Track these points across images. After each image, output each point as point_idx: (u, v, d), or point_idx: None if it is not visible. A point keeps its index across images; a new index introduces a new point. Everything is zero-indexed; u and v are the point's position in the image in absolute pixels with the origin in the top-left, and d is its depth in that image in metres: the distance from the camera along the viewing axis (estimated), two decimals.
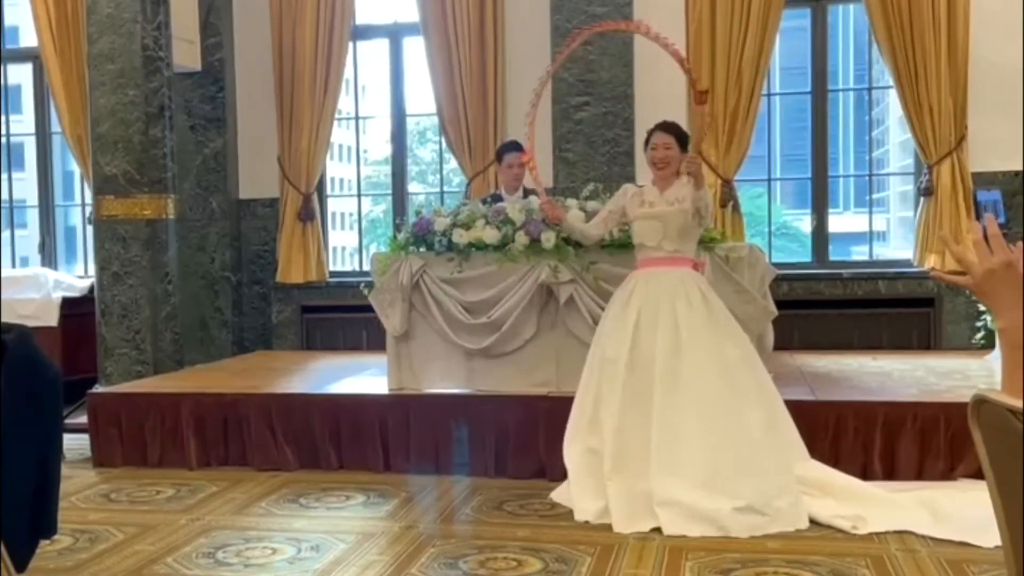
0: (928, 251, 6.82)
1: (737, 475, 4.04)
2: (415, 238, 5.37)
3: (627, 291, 4.46)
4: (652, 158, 4.51)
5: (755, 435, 4.16)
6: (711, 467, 4.06)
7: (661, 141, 4.49)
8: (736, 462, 4.07)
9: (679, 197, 4.43)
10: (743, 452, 4.09)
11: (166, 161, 6.54)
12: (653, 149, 4.49)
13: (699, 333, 4.26)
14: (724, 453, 4.09)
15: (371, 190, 9.59)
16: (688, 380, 4.18)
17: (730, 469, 4.06)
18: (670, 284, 4.36)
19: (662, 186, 4.52)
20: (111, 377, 6.41)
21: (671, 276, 4.38)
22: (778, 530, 3.97)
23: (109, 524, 4.35)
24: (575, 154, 7.10)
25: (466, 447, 5.10)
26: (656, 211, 4.44)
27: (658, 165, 4.50)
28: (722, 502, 3.98)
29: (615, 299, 4.53)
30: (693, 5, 6.95)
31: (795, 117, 9.63)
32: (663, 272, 4.39)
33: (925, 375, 5.65)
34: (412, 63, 7.91)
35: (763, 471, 4.08)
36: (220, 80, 7.76)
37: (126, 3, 6.42)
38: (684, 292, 4.35)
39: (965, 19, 6.66)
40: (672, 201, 4.43)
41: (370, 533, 4.15)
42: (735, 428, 4.14)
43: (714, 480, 4.04)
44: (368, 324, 6.57)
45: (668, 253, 4.40)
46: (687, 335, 4.25)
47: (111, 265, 6.50)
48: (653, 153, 4.50)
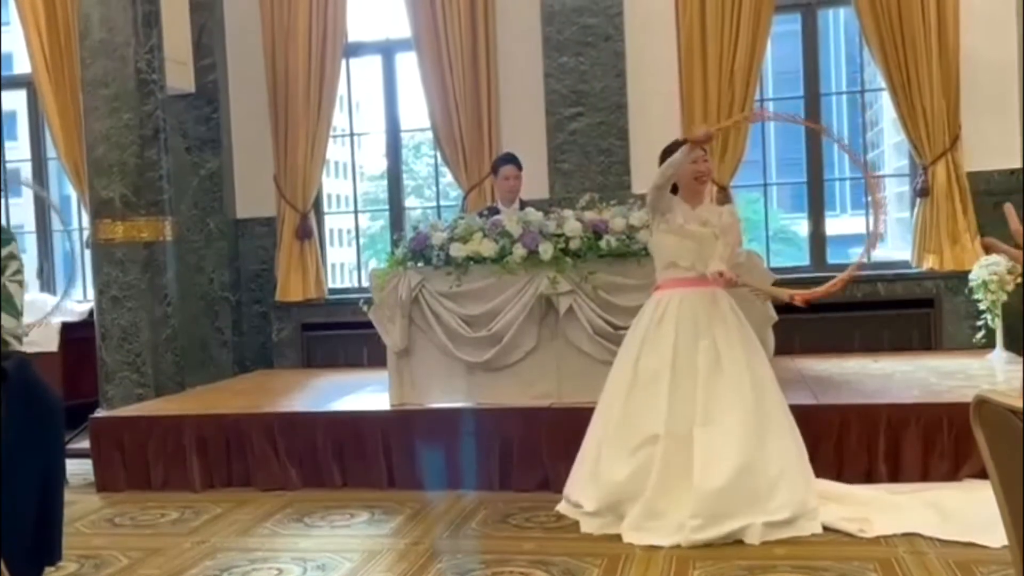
0: (926, 251, 6.82)
1: (771, 491, 4.03)
2: (413, 253, 5.37)
3: (659, 311, 4.34)
4: (693, 171, 4.33)
5: (788, 453, 4.15)
6: (748, 484, 4.03)
7: (699, 154, 4.35)
8: (770, 479, 4.05)
9: (710, 219, 4.36)
10: (776, 469, 4.07)
11: (162, 183, 6.54)
12: (693, 162, 4.31)
13: (736, 351, 4.24)
14: (760, 470, 4.06)
15: (368, 206, 9.60)
16: (730, 399, 4.16)
17: (765, 486, 4.03)
18: (705, 304, 4.29)
19: (694, 203, 4.41)
20: (112, 401, 6.40)
21: (704, 296, 4.31)
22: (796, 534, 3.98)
23: (114, 549, 4.34)
24: (570, 165, 7.12)
25: (469, 461, 5.09)
26: (694, 231, 4.33)
27: (700, 179, 4.39)
28: (752, 517, 3.97)
29: (644, 318, 4.40)
30: (684, 13, 6.97)
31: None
32: (696, 292, 4.31)
33: (927, 376, 5.64)
34: (405, 79, 7.94)
35: (791, 489, 4.06)
36: (214, 101, 7.78)
37: (118, 27, 6.44)
38: (719, 312, 4.31)
39: (955, 20, 6.67)
40: (704, 223, 4.35)
41: (376, 551, 4.14)
42: (770, 446, 4.12)
43: (747, 497, 4.01)
44: (368, 340, 6.56)
45: (699, 274, 4.32)
46: (726, 354, 4.22)
47: (110, 289, 6.49)
48: (693, 166, 4.32)
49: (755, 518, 3.96)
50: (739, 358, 4.24)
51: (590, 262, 5.06)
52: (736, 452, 4.06)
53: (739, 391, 4.17)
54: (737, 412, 4.13)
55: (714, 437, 4.10)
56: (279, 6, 7.65)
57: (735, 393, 4.17)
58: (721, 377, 4.20)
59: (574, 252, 5.09)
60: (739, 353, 4.25)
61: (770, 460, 4.09)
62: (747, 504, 4.00)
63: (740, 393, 4.17)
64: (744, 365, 4.23)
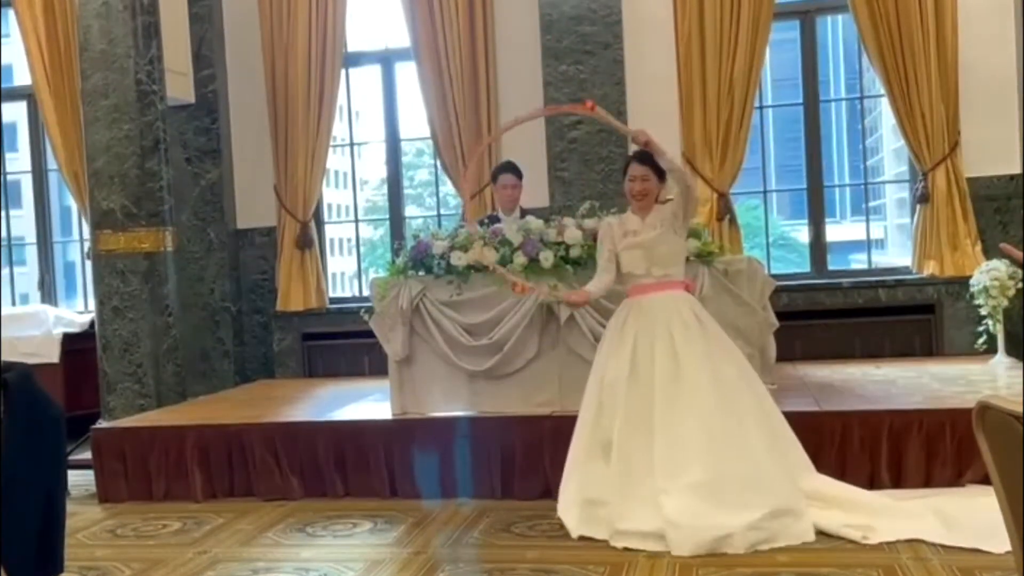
0: (926, 257, 6.82)
1: (743, 492, 4.02)
2: (414, 262, 5.37)
3: (621, 319, 4.44)
4: (630, 190, 4.48)
5: (758, 452, 4.15)
6: (716, 486, 4.03)
7: (639, 173, 4.45)
8: (741, 479, 4.05)
9: (661, 220, 4.42)
10: (747, 469, 4.07)
11: (163, 194, 6.55)
12: (631, 181, 4.46)
13: (696, 355, 4.26)
14: (728, 471, 4.06)
15: (368, 215, 9.60)
16: (688, 402, 4.17)
17: (735, 487, 4.03)
18: (664, 308, 4.35)
19: (642, 214, 4.49)
20: (114, 412, 6.39)
21: (664, 300, 4.36)
22: (785, 543, 3.95)
23: (116, 560, 4.33)
24: (570, 173, 7.12)
25: (471, 470, 5.09)
26: (640, 239, 4.42)
27: (636, 197, 4.48)
28: (728, 519, 3.96)
29: (610, 328, 4.51)
30: (683, 20, 6.98)
31: (788, 128, 9.66)
32: (655, 297, 4.37)
33: (929, 382, 5.64)
34: (405, 88, 7.95)
35: (767, 487, 4.06)
36: (214, 111, 7.79)
37: (118, 39, 6.45)
38: (679, 315, 4.34)
39: (953, 26, 6.68)
40: (655, 225, 4.42)
41: (378, 560, 4.13)
42: (737, 446, 4.12)
43: (720, 499, 4.01)
44: (369, 349, 6.56)
45: (657, 278, 4.39)
46: (685, 358, 4.24)
47: (111, 299, 6.49)
48: (631, 185, 4.47)
49: (729, 521, 3.95)
50: (698, 359, 4.24)
51: (591, 270, 5.04)
52: (696, 455, 4.07)
53: (697, 393, 4.18)
54: (696, 415, 4.14)
55: (674, 441, 4.12)
56: (278, 16, 7.67)
57: (693, 396, 4.18)
58: (679, 380, 4.21)
59: (575, 260, 5.09)
60: (698, 354, 4.26)
61: (739, 458, 4.08)
62: (713, 505, 3.99)
63: (699, 395, 4.18)
64: (704, 366, 4.23)
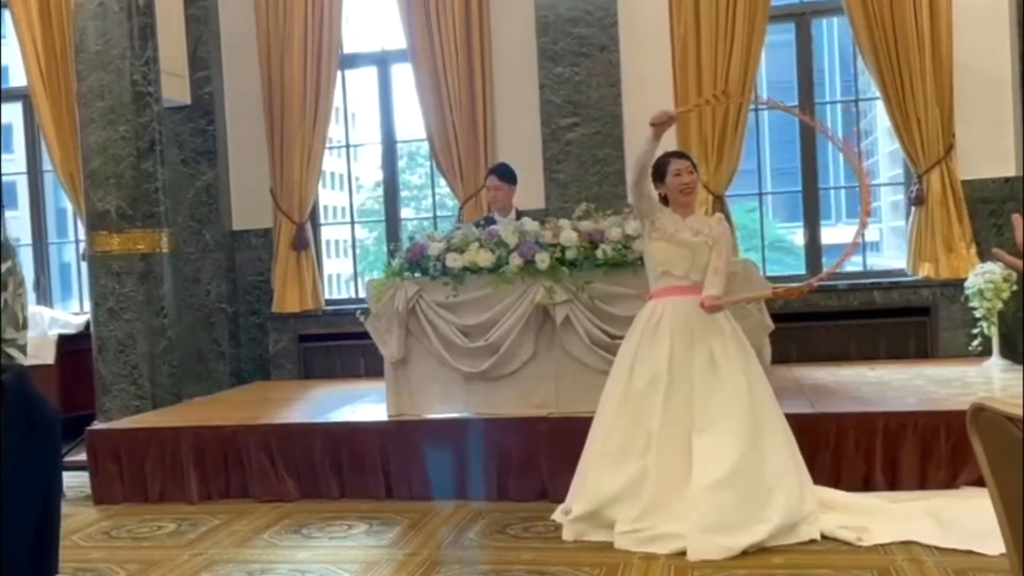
0: (921, 260, 6.83)
1: (770, 496, 4.04)
2: (410, 263, 5.37)
3: (654, 319, 4.36)
4: (678, 185, 4.38)
5: (785, 454, 4.17)
6: (749, 491, 4.03)
7: (683, 166, 4.40)
8: (769, 485, 4.06)
9: (701, 229, 4.39)
10: (775, 473, 4.09)
11: (158, 195, 6.54)
12: (677, 175, 4.38)
13: (733, 359, 4.27)
14: (760, 476, 4.07)
15: (364, 217, 9.59)
16: (726, 404, 4.18)
17: (764, 492, 4.05)
18: (700, 312, 4.30)
19: (684, 213, 4.44)
20: (109, 413, 6.39)
21: (698, 306, 4.33)
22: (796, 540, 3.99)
23: (111, 562, 4.33)
24: (566, 175, 7.12)
25: (467, 471, 5.09)
26: (687, 240, 4.36)
27: (685, 191, 4.40)
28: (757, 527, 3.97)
29: (638, 326, 4.41)
30: (678, 23, 6.99)
31: (784, 131, 9.67)
32: (692, 300, 4.33)
33: (924, 384, 5.65)
34: (401, 90, 7.95)
35: (791, 490, 4.08)
36: (210, 113, 7.79)
37: (114, 40, 6.45)
38: (715, 320, 4.32)
39: (948, 29, 6.70)
40: (696, 232, 4.38)
41: (374, 562, 4.13)
42: (767, 453, 4.13)
43: (750, 503, 4.02)
44: (365, 351, 6.56)
45: (693, 282, 4.36)
46: (723, 362, 4.24)
47: (106, 301, 6.48)
48: (678, 179, 4.38)
49: (755, 532, 3.95)
50: (736, 366, 4.26)
51: (586, 272, 5.06)
52: (733, 457, 4.07)
53: (736, 398, 4.19)
54: (734, 418, 4.15)
55: (711, 442, 4.12)
56: (275, 18, 7.67)
57: (732, 400, 4.18)
58: (718, 384, 4.22)
59: (570, 262, 5.10)
60: (735, 361, 4.27)
61: (766, 466, 4.11)
62: (745, 509, 4.00)
63: (737, 400, 4.18)
64: (740, 373, 4.25)
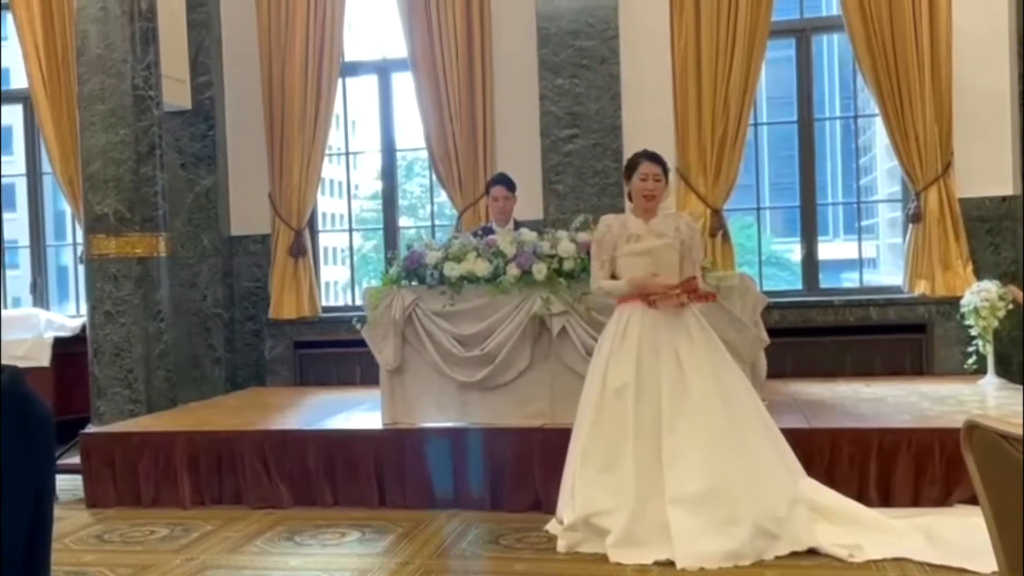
0: (918, 277, 6.84)
1: (749, 498, 4.03)
2: (407, 272, 5.38)
3: (622, 324, 4.39)
4: (642, 189, 4.45)
5: (763, 456, 4.17)
6: (724, 493, 4.04)
7: (651, 171, 4.44)
8: (747, 485, 4.06)
9: (665, 230, 4.43)
10: (753, 475, 4.09)
11: (157, 199, 6.55)
12: (643, 179, 4.43)
13: (701, 362, 4.27)
14: (735, 478, 4.07)
15: (362, 225, 9.60)
16: (695, 408, 4.18)
17: (742, 493, 4.04)
18: (667, 315, 4.33)
19: (647, 217, 4.48)
20: (104, 416, 6.38)
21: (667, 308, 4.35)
22: (788, 549, 3.97)
23: (103, 565, 4.32)
24: (565, 186, 7.14)
25: (461, 481, 5.08)
26: (645, 246, 4.40)
27: (648, 197, 4.45)
28: (737, 528, 3.97)
29: (608, 334, 4.45)
30: (679, 36, 7.01)
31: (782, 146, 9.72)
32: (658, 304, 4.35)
33: (919, 401, 5.65)
34: (401, 98, 7.97)
35: (772, 491, 4.08)
36: (210, 118, 7.80)
37: (116, 43, 6.46)
38: (683, 322, 4.33)
39: (948, 47, 6.73)
40: (660, 234, 4.42)
41: (366, 570, 4.12)
42: (743, 452, 4.14)
43: (727, 506, 4.02)
44: (361, 359, 6.55)
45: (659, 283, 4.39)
46: (690, 365, 4.25)
47: (103, 304, 6.48)
48: (643, 184, 4.43)
49: (736, 535, 3.95)
50: (703, 367, 4.26)
51: (583, 283, 5.06)
52: (705, 460, 4.07)
53: (704, 400, 4.19)
54: (704, 421, 4.15)
55: (682, 446, 4.12)
56: (276, 25, 7.69)
57: (700, 402, 4.18)
58: (686, 387, 4.22)
59: (568, 273, 5.10)
60: (703, 362, 4.27)
61: (743, 466, 4.10)
62: (724, 514, 3.99)
63: (706, 402, 4.19)
64: (708, 373, 4.25)
